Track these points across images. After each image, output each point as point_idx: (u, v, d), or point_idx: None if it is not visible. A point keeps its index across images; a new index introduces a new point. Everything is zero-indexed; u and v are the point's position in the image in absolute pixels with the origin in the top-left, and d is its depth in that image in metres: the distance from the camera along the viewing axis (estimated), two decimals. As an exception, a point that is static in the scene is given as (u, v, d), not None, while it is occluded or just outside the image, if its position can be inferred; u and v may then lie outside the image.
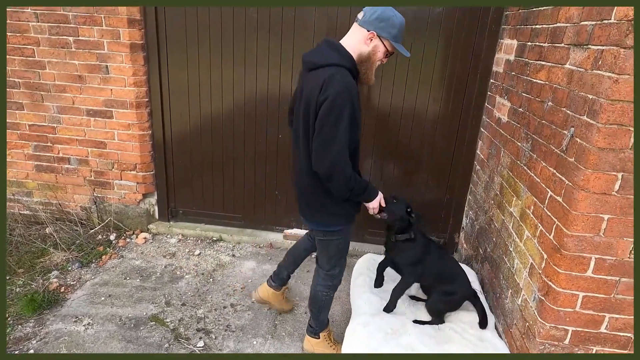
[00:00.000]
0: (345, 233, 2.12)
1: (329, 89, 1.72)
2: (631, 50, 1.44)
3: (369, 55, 1.86)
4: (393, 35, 1.83)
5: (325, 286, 2.25)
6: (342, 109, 1.72)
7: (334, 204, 1.98)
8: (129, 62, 3.13)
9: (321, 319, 2.36)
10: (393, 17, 1.82)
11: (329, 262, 2.20)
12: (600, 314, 1.81)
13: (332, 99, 1.71)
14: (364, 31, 1.84)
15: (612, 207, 1.64)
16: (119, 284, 2.94)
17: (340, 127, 1.73)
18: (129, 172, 3.47)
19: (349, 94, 1.73)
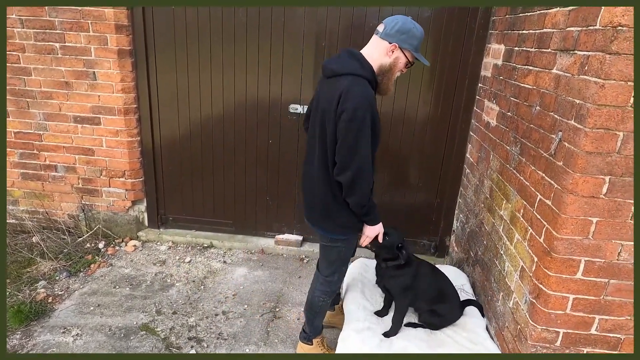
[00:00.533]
0: (350, 242, 2.12)
1: (348, 100, 1.74)
2: (616, 56, 1.47)
3: (390, 66, 1.88)
4: (415, 46, 1.86)
5: (322, 291, 2.25)
6: (363, 120, 1.74)
7: (345, 214, 1.98)
8: (117, 68, 3.10)
9: (315, 324, 2.35)
10: (413, 28, 1.84)
11: (328, 268, 2.20)
12: (590, 316, 1.82)
13: (353, 111, 1.73)
14: (386, 43, 1.85)
15: (601, 210, 1.66)
16: (109, 293, 2.89)
17: (362, 138, 1.76)
18: (118, 179, 3.43)
19: (369, 104, 1.76)
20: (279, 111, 3.24)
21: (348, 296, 2.52)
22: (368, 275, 2.68)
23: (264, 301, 2.90)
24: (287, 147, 3.32)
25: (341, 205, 1.95)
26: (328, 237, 2.08)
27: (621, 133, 1.56)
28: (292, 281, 3.14)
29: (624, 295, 1.77)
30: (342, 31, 2.99)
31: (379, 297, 2.49)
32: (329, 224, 2.02)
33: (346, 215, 1.98)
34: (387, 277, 2.23)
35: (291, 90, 3.17)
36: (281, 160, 3.36)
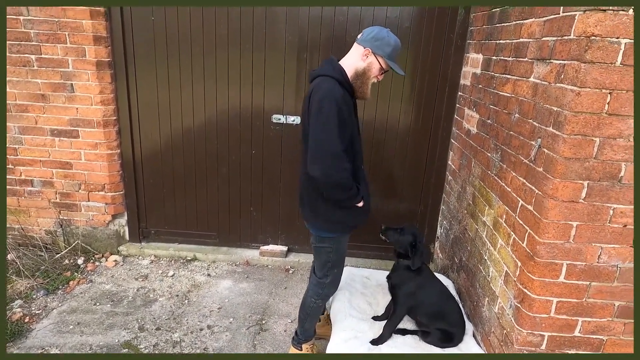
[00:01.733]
0: (337, 243, 2.15)
1: (316, 94, 1.87)
2: (591, 65, 1.52)
3: (364, 70, 1.98)
4: (387, 53, 1.95)
5: (315, 293, 2.26)
6: (329, 111, 1.82)
7: (328, 210, 2.04)
8: (96, 80, 3.05)
9: (306, 327, 2.34)
10: (387, 37, 1.95)
11: (321, 270, 2.23)
12: (573, 318, 1.86)
13: (319, 102, 1.84)
14: (361, 48, 1.97)
15: (580, 214, 1.70)
16: (89, 311, 2.81)
17: (330, 129, 1.82)
18: (97, 193, 3.35)
19: (333, 97, 1.84)
20: (261, 122, 3.23)
21: (335, 306, 2.50)
22: (354, 284, 2.67)
23: (250, 314, 2.85)
24: (271, 158, 3.31)
25: (326, 201, 2.01)
26: (317, 236, 2.13)
27: (597, 139, 1.61)
28: (278, 292, 3.11)
29: (605, 297, 1.82)
30: (323, 42, 3.01)
31: (366, 306, 2.49)
32: (317, 220, 2.09)
33: (329, 211, 2.03)
34: (397, 275, 2.25)
35: (274, 101, 3.17)
36: (265, 171, 3.35)
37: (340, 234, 2.13)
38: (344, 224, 2.10)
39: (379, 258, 3.51)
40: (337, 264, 2.23)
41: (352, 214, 2.07)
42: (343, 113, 1.85)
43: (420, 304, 2.20)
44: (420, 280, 2.21)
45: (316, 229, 2.12)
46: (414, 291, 2.19)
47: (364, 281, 2.73)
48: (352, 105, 2.00)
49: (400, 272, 2.23)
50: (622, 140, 1.60)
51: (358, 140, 2.06)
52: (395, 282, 2.24)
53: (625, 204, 1.68)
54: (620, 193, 1.67)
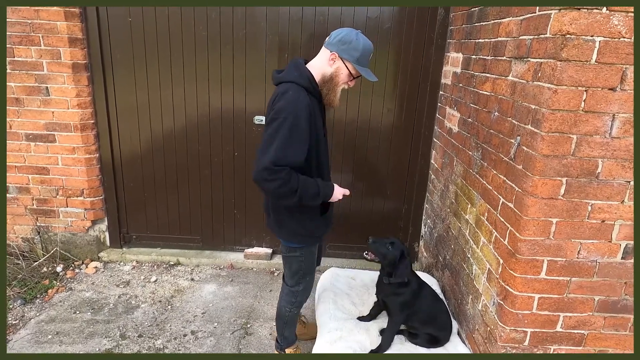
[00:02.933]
0: (307, 252, 2.10)
1: (279, 102, 1.77)
2: (566, 63, 1.53)
3: (331, 76, 1.87)
4: (355, 58, 1.84)
5: (288, 302, 2.22)
6: (283, 122, 1.72)
7: (292, 221, 1.98)
8: (72, 83, 2.98)
9: (286, 335, 2.32)
10: (356, 40, 1.82)
11: (292, 278, 2.18)
12: (555, 314, 1.88)
13: (276, 112, 1.75)
14: (328, 52, 1.86)
15: (560, 210, 1.72)
16: (68, 319, 2.74)
17: (276, 139, 1.72)
18: (76, 198, 3.27)
19: (294, 108, 1.74)
20: (243, 123, 3.20)
21: (319, 307, 2.49)
22: (339, 284, 2.66)
23: (235, 318, 2.82)
24: (253, 159, 3.24)
25: (289, 212, 1.95)
26: (286, 246, 2.08)
27: (575, 136, 1.63)
28: (263, 295, 3.08)
29: (585, 292, 1.84)
30: (304, 42, 2.99)
31: (350, 306, 2.48)
32: (283, 231, 2.02)
33: (296, 223, 1.97)
34: (388, 294, 2.17)
35: (255, 102, 3.14)
36: (248, 172, 3.31)
37: (308, 245, 2.07)
38: (309, 236, 2.02)
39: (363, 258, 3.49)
40: (309, 271, 2.18)
41: (315, 225, 2.01)
42: (298, 129, 1.73)
43: (416, 311, 2.17)
44: (413, 289, 2.16)
45: (284, 240, 2.06)
46: (410, 301, 2.15)
47: (348, 281, 2.72)
48: (320, 111, 1.91)
49: (392, 289, 2.15)
50: (599, 137, 1.62)
51: (324, 149, 1.96)
52: (388, 297, 2.17)
53: (602, 199, 1.70)
54: (597, 189, 1.69)
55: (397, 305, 2.15)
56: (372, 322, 2.34)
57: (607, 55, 1.52)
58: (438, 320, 2.22)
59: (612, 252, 1.78)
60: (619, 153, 1.64)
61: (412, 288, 2.16)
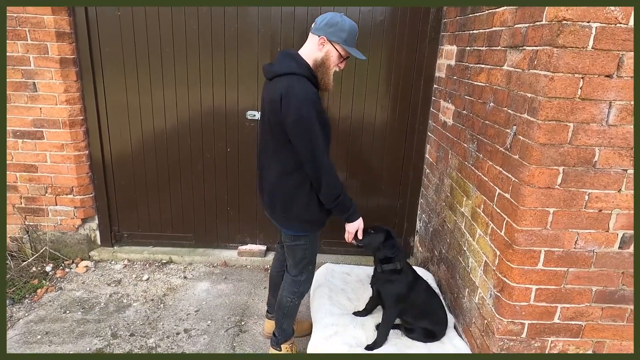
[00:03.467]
0: (312, 239, 2.12)
1: (290, 100, 1.78)
2: (563, 49, 1.51)
3: (322, 60, 1.91)
4: (343, 39, 1.88)
5: (290, 292, 2.21)
6: (309, 117, 1.78)
7: (303, 210, 1.99)
8: (60, 78, 2.92)
9: (284, 327, 2.29)
10: (341, 21, 1.87)
11: (295, 267, 2.18)
12: (552, 305, 1.86)
13: (297, 110, 1.77)
14: (316, 37, 1.90)
15: (557, 200, 1.70)
16: (58, 319, 2.68)
17: (314, 135, 1.79)
18: (65, 196, 3.21)
19: (311, 101, 1.79)
20: (236, 118, 3.15)
21: (315, 303, 2.45)
22: (334, 280, 2.63)
23: (229, 315, 2.78)
24: (247, 155, 3.23)
25: (299, 199, 1.97)
26: (291, 235, 2.08)
27: (571, 124, 1.61)
28: (257, 292, 3.04)
29: (582, 283, 1.82)
30: (297, 36, 2.96)
31: (346, 301, 2.45)
32: (290, 220, 2.03)
33: (305, 210, 1.99)
34: (383, 282, 2.15)
35: (248, 97, 3.10)
36: (241, 168, 3.27)
37: (314, 231, 2.11)
38: (317, 222, 2.07)
39: (358, 254, 3.48)
40: (313, 259, 2.20)
41: (324, 212, 2.04)
42: (320, 116, 1.82)
43: (410, 305, 2.14)
44: (408, 280, 2.14)
45: (291, 230, 2.07)
46: (405, 293, 2.12)
47: (344, 277, 2.69)
48: None
49: (386, 276, 2.14)
50: (595, 125, 1.61)
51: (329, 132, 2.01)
52: (383, 287, 2.15)
53: (599, 188, 1.69)
54: (595, 178, 1.67)
55: (391, 296, 2.12)
56: (368, 317, 2.31)
57: (603, 42, 1.51)
58: (433, 315, 2.20)
59: (609, 242, 1.76)
60: (616, 141, 1.62)
61: (406, 279, 2.14)
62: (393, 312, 2.13)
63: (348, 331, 2.18)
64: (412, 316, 2.18)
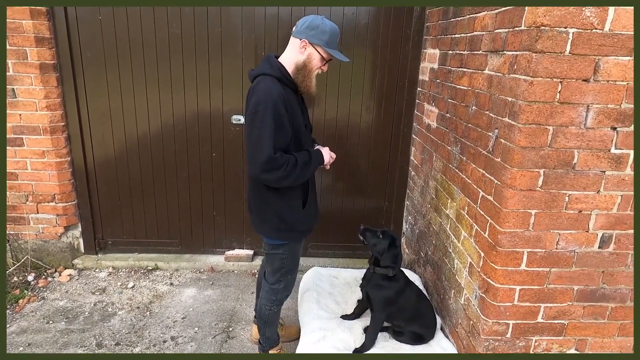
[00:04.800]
0: (291, 250, 2.09)
1: (253, 96, 1.82)
2: (542, 55, 1.54)
3: (304, 63, 1.91)
4: (325, 41, 1.88)
5: (268, 300, 2.20)
6: (264, 113, 1.76)
7: (277, 218, 1.97)
8: (40, 84, 2.87)
9: (267, 335, 2.28)
10: (322, 24, 1.87)
11: (273, 275, 2.16)
12: (536, 305, 1.89)
13: (254, 105, 1.79)
14: (297, 41, 1.90)
15: (538, 202, 1.73)
16: (41, 330, 2.63)
17: (264, 132, 1.77)
18: (47, 204, 3.15)
19: (270, 98, 1.78)
20: (221, 123, 3.14)
21: (302, 307, 2.45)
22: (322, 284, 2.63)
23: (216, 322, 2.76)
24: (232, 159, 3.22)
25: (271, 207, 1.96)
26: (269, 243, 2.07)
27: (551, 127, 1.64)
28: (245, 298, 3.02)
29: (564, 283, 1.86)
30: (281, 39, 2.96)
31: (334, 305, 2.45)
32: (266, 228, 2.02)
33: (278, 218, 1.97)
34: (373, 285, 2.15)
35: (233, 101, 3.09)
36: (227, 173, 3.25)
37: (292, 241, 2.07)
38: (294, 231, 2.03)
39: (346, 257, 3.49)
40: (292, 268, 2.17)
41: (297, 219, 2.01)
42: (280, 115, 1.79)
43: (399, 309, 2.15)
44: (398, 286, 2.15)
45: (268, 238, 2.06)
46: (393, 298, 2.13)
47: (331, 280, 2.69)
48: (297, 102, 1.93)
49: (377, 280, 2.15)
50: (574, 127, 1.64)
51: (306, 136, 1.99)
52: (372, 291, 2.15)
53: (579, 190, 1.72)
54: (574, 180, 1.71)
55: (379, 300, 2.13)
56: (356, 321, 2.32)
57: (580, 47, 1.54)
58: (423, 319, 2.21)
59: (589, 242, 1.80)
60: (594, 143, 1.66)
61: (397, 285, 2.15)
62: (381, 316, 2.14)
63: (336, 335, 2.18)
64: (402, 320, 2.19)
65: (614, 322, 1.95)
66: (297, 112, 1.90)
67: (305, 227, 2.07)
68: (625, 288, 1.89)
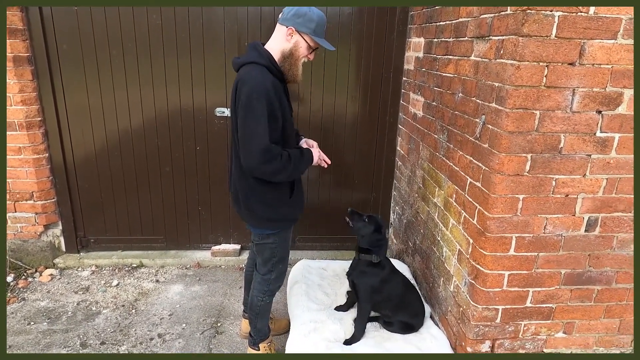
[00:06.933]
0: (281, 238, 2.07)
1: (244, 85, 1.76)
2: (528, 38, 1.54)
3: (291, 51, 1.87)
4: (312, 29, 1.85)
5: (260, 291, 2.17)
6: (258, 103, 1.73)
7: (265, 208, 1.95)
8: (14, 78, 2.76)
9: (258, 327, 2.25)
10: (309, 12, 1.84)
11: (264, 266, 2.14)
12: (524, 289, 1.91)
13: (248, 95, 1.74)
14: (284, 28, 1.86)
15: (526, 186, 1.74)
16: (21, 332, 2.55)
17: (260, 122, 1.74)
18: (25, 202, 3.05)
19: (263, 87, 1.75)
20: (204, 116, 3.07)
21: (292, 300, 2.43)
22: (311, 276, 2.61)
23: (204, 317, 2.71)
24: (217, 152, 3.16)
25: (259, 197, 1.93)
26: (258, 233, 2.05)
27: (537, 112, 1.64)
28: (233, 293, 2.98)
29: (552, 267, 1.88)
30: (264, 31, 2.91)
31: (323, 297, 2.44)
32: (256, 219, 2.00)
33: (268, 207, 1.95)
34: (358, 272, 2.16)
35: (216, 94, 3.03)
36: (212, 167, 3.20)
37: (282, 230, 2.05)
38: (283, 220, 2.02)
39: (334, 249, 3.47)
40: (283, 258, 2.15)
41: (287, 209, 2.00)
42: (273, 104, 1.77)
43: (386, 298, 2.15)
44: (384, 274, 2.15)
45: (256, 228, 2.03)
46: (378, 286, 2.12)
47: (320, 272, 2.67)
48: (283, 91, 1.90)
49: (362, 267, 2.15)
50: (560, 112, 1.65)
51: (291, 124, 1.97)
52: (358, 279, 2.15)
53: (565, 174, 1.73)
54: (561, 164, 1.72)
55: (364, 288, 2.13)
56: (346, 312, 2.31)
57: (565, 30, 1.54)
58: (410, 307, 2.21)
59: (576, 226, 1.82)
60: (580, 127, 1.67)
61: (382, 272, 2.14)
62: (367, 305, 2.13)
63: (327, 326, 2.16)
64: (389, 309, 2.18)
65: (600, 304, 1.98)
66: (284, 102, 1.88)
67: (293, 215, 2.05)
68: (610, 270, 1.92)
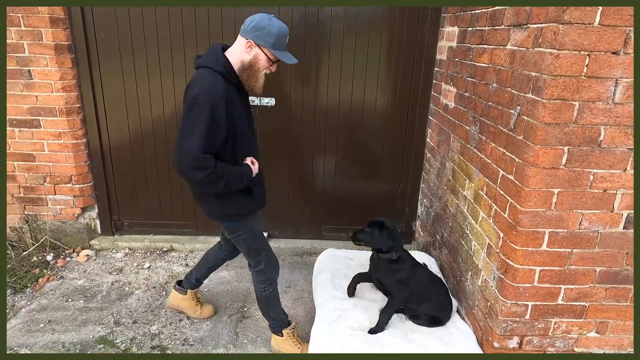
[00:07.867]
0: (248, 228, 2.08)
1: (194, 87, 1.76)
2: (569, 26, 1.48)
3: (250, 63, 1.86)
4: (271, 43, 1.83)
5: (259, 282, 2.23)
6: (201, 108, 1.72)
7: (219, 204, 1.98)
8: (55, 65, 2.87)
9: (273, 316, 2.30)
10: (269, 26, 1.81)
11: (250, 259, 2.19)
12: (556, 286, 1.85)
13: (194, 98, 1.73)
14: (244, 40, 1.84)
15: (561, 180, 1.68)
16: (60, 308, 2.68)
17: (198, 126, 1.71)
18: (64, 185, 3.19)
19: (211, 95, 1.73)
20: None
21: (317, 288, 2.45)
22: (337, 265, 2.62)
23: (231, 302, 2.78)
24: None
25: (215, 196, 1.95)
26: (226, 228, 2.09)
27: (577, 103, 1.58)
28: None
29: (587, 264, 1.81)
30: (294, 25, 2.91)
31: (349, 287, 2.44)
32: (215, 214, 2.04)
33: (219, 202, 1.97)
34: (382, 272, 2.17)
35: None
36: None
37: (243, 220, 2.05)
38: (238, 215, 2.03)
39: (360, 240, 3.47)
40: (260, 246, 2.17)
41: (241, 204, 2.00)
42: (218, 114, 1.73)
43: (411, 292, 2.14)
44: (406, 266, 2.15)
45: (221, 222, 2.07)
46: (407, 280, 2.13)
47: (346, 262, 2.68)
48: (241, 102, 1.88)
49: (384, 266, 2.15)
50: (601, 103, 1.58)
51: (250, 134, 1.96)
52: (383, 277, 2.17)
53: (605, 168, 1.67)
54: (600, 157, 1.65)
55: (394, 282, 2.12)
56: (371, 302, 2.31)
57: (610, 17, 1.47)
58: (435, 300, 2.19)
59: (614, 222, 1.75)
60: (622, 120, 1.60)
61: (405, 265, 2.15)
62: (400, 298, 2.13)
63: (351, 315, 2.17)
64: (415, 302, 2.18)
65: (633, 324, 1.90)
66: (240, 113, 1.86)
67: (249, 209, 2.05)
68: (649, 270, 1.84)
